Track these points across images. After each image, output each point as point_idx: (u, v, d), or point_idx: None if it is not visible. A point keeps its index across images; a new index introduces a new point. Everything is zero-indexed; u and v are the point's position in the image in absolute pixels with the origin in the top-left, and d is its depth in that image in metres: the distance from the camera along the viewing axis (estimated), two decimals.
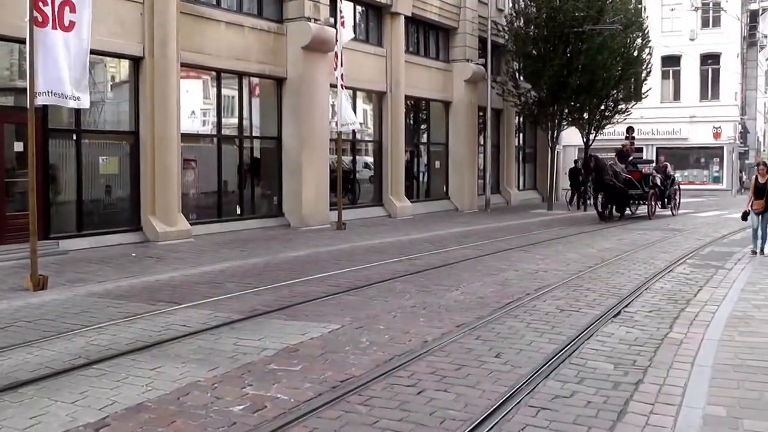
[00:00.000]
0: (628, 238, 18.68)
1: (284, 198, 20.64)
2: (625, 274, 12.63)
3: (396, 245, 16.90)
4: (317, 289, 10.92)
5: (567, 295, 10.44)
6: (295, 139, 20.32)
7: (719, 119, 44.07)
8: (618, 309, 9.49)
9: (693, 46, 44.16)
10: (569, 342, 7.70)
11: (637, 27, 32.12)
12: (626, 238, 18.68)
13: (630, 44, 31.49)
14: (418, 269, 12.95)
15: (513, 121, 34.07)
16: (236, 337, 7.84)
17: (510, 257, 14.78)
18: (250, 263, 13.72)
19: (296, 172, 20.29)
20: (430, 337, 7.90)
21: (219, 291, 10.71)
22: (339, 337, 7.93)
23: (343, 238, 18.21)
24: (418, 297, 10.29)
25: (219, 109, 19.10)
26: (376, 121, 25.24)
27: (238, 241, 16.97)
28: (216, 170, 19.18)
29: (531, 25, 29.11)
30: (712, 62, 44.65)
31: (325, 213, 20.96)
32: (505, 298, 10.19)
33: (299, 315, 9.00)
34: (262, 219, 20.18)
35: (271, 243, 16.89)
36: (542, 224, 23.03)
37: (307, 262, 14.02)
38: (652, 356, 7.23)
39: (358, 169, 24.91)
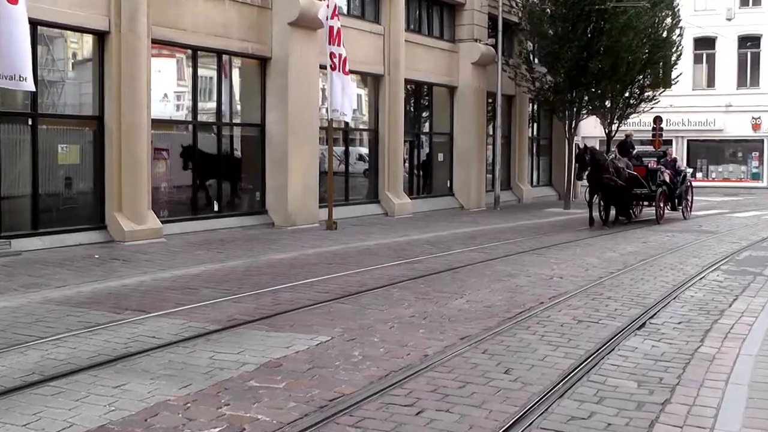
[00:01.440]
0: (654, 241, 18.70)
1: (268, 193, 20.63)
2: (650, 281, 12.62)
3: (393, 247, 16.88)
4: (304, 296, 10.90)
5: (585, 305, 10.43)
6: (280, 127, 20.30)
7: (759, 109, 44.16)
8: (643, 320, 9.48)
9: (730, 26, 44.26)
10: (587, 357, 7.69)
11: (667, 5, 32.19)
12: (652, 241, 18.70)
13: (658, 24, 31.56)
14: (418, 274, 12.94)
15: (526, 110, 34.08)
16: (212, 350, 7.82)
17: (521, 261, 14.77)
18: (229, 266, 13.70)
19: (281, 164, 20.28)
20: (430, 351, 7.89)
21: (193, 298, 10.68)
22: (328, 350, 7.91)
23: (334, 238, 18.18)
24: (417, 305, 10.27)
25: (195, 92, 19.07)
26: (371, 108, 25.25)
27: (215, 242, 16.95)
28: (191, 161, 19.16)
29: (548, 2, 29.14)
30: (752, 45, 44.73)
31: (313, 210, 20.95)
32: (516, 308, 10.18)
33: (284, 325, 8.99)
34: (242, 217, 20.16)
35: (253, 244, 16.87)
36: (558, 225, 23.04)
37: (293, 265, 13.99)
38: (681, 373, 7.22)
39: (351, 162, 24.91)
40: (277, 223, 20.38)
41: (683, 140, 45.00)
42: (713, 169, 45.97)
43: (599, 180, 21.58)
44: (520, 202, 33.26)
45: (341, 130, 24.18)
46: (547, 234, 20.04)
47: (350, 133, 25.11)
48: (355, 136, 26.07)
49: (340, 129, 23.91)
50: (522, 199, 33.50)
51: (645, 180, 23.54)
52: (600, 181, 21.64)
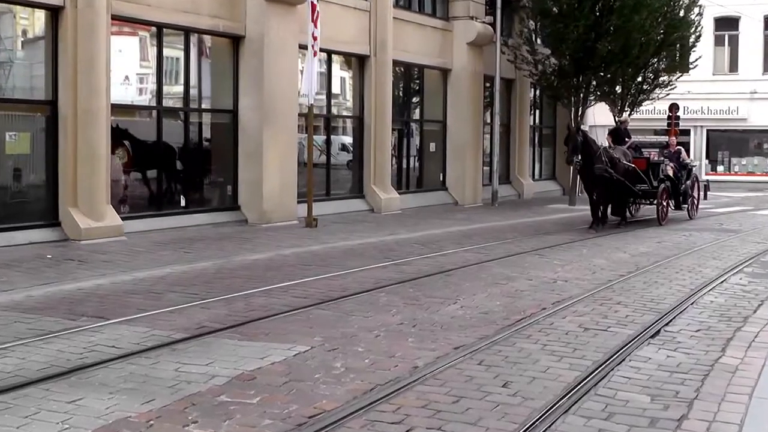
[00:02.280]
0: (669, 241, 18.78)
1: (240, 187, 20.58)
2: (665, 284, 12.67)
3: (379, 247, 16.88)
4: (281, 301, 10.88)
5: (592, 311, 10.45)
6: (254, 114, 20.25)
7: None
8: (657, 328, 9.51)
9: (755, 5, 44.32)
10: (595, 368, 7.71)
11: None
12: (667, 241, 18.78)
13: (675, 2, 31.59)
14: (407, 277, 12.94)
15: (527, 95, 34.12)
16: (178, 362, 7.79)
17: (522, 263, 14.79)
18: (198, 268, 13.67)
19: (256, 155, 20.23)
20: (421, 362, 7.89)
21: (157, 303, 10.66)
22: (307, 361, 7.90)
23: (314, 237, 18.18)
24: (406, 312, 10.27)
25: (160, 75, 19.00)
26: (356, 93, 25.22)
27: (182, 241, 16.91)
28: (155, 151, 19.11)
29: None
30: None
31: (291, 206, 20.93)
32: (515, 314, 10.20)
33: (258, 334, 8.97)
34: (212, 213, 20.11)
35: (224, 243, 16.85)
36: (562, 223, 23.08)
37: (268, 267, 13.98)
38: (700, 386, 7.24)
39: (333, 153, 24.89)
40: (251, 220, 20.33)
41: (702, 130, 45.04)
42: (736, 162, 46.04)
43: (591, 171, 20.72)
44: (521, 197, 33.32)
45: (322, 118, 24.14)
46: (550, 233, 20.09)
47: (332, 121, 25.07)
48: (337, 124, 26.02)
49: (321, 116, 23.86)
50: (522, 194, 33.56)
51: (645, 174, 22.59)
52: (591, 173, 20.76)
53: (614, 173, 21.04)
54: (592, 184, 21.18)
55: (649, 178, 22.71)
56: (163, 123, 19.21)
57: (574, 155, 20.55)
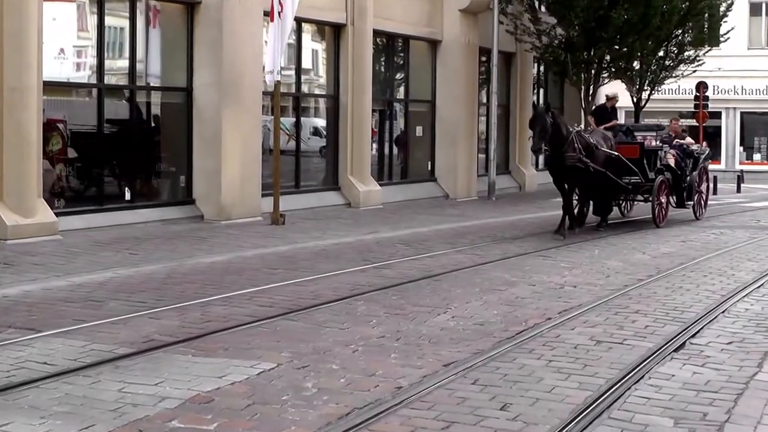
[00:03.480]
0: (696, 240, 18.88)
1: (196, 178, 20.52)
2: (691, 290, 12.70)
3: (357, 247, 16.88)
4: (242, 310, 10.86)
5: (606, 321, 10.46)
6: (212, 92, 20.19)
7: None
8: (681, 340, 9.52)
9: None
10: (609, 388, 7.71)
11: None
12: (694, 240, 18.88)
13: None
14: (390, 282, 12.93)
15: (530, 71, 34.18)
16: (122, 381, 7.75)
17: (523, 266, 14.80)
18: (145, 272, 13.64)
19: (214, 140, 20.17)
20: (405, 382, 7.88)
21: (98, 313, 10.60)
22: (273, 381, 7.88)
23: (282, 236, 18.16)
24: (388, 323, 10.26)
25: (101, 47, 18.93)
26: (330, 68, 25.18)
27: (127, 240, 16.86)
28: (96, 136, 19.04)
29: None
30: None
31: (254, 200, 20.89)
32: (516, 325, 10.19)
33: (216, 349, 8.94)
34: (162, 208, 20.07)
35: (176, 243, 16.83)
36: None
37: (227, 270, 13.96)
38: (732, 407, 7.25)
39: (304, 137, 24.85)
40: (208, 216, 20.28)
41: (735, 113, 45.11)
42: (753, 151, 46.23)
43: (561, 160, 19.25)
44: (522, 190, 33.37)
45: (291, 97, 24.10)
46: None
47: (303, 101, 25.02)
48: (308, 105, 25.99)
49: (289, 95, 23.82)
50: (524, 186, 33.61)
51: (638, 164, 21.07)
52: (561, 163, 19.29)
53: (590, 163, 19.34)
54: (563, 176, 19.56)
55: (643, 168, 21.25)
56: (105, 103, 19.13)
57: (541, 141, 18.67)
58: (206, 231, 18.73)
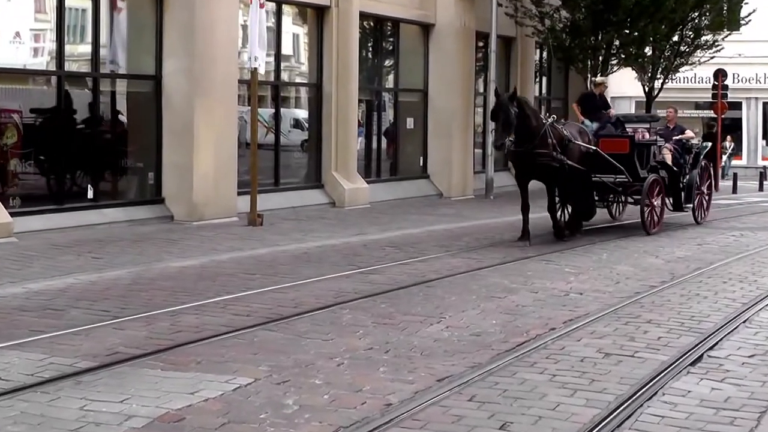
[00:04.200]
0: (714, 242, 18.92)
1: (165, 175, 20.47)
2: (709, 297, 12.72)
3: (343, 251, 16.87)
4: (216, 319, 10.84)
5: (615, 332, 10.46)
6: (183, 81, 20.14)
7: None
8: (698, 352, 9.52)
9: None
10: (619, 405, 7.72)
11: None
12: (711, 242, 18.92)
13: None
14: (378, 289, 12.92)
15: (532, 58, 34.15)
16: (84, 398, 7.73)
17: (524, 271, 14.82)
18: (109, 278, 13.60)
19: (185, 133, 20.12)
20: (395, 398, 7.88)
21: (57, 323, 10.57)
22: (250, 397, 7.87)
23: (259, 238, 18.16)
24: (376, 333, 10.25)
25: (61, 31, 18.87)
26: (313, 54, 25.15)
27: (89, 243, 16.83)
28: (56, 129, 18.99)
29: None
30: None
31: (229, 199, 20.85)
32: (516, 336, 10.19)
33: (187, 362, 8.92)
34: (128, 207, 20.02)
35: (144, 246, 16.79)
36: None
37: (200, 276, 13.94)
38: (755, 426, 7.27)
39: (284, 130, 24.80)
40: (179, 216, 20.24)
41: (757, 103, 45.12)
42: None
43: (530, 157, 18.25)
44: None
45: (270, 86, 24.07)
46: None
47: (282, 90, 24.98)
48: (289, 94, 25.95)
49: (268, 84, 23.79)
50: None
51: (627, 160, 20.01)
52: (531, 160, 18.32)
53: (566, 160, 18.45)
54: (533, 175, 18.86)
55: (632, 165, 20.13)
56: (66, 92, 19.11)
57: (505, 136, 17.55)
58: (177, 232, 18.69)
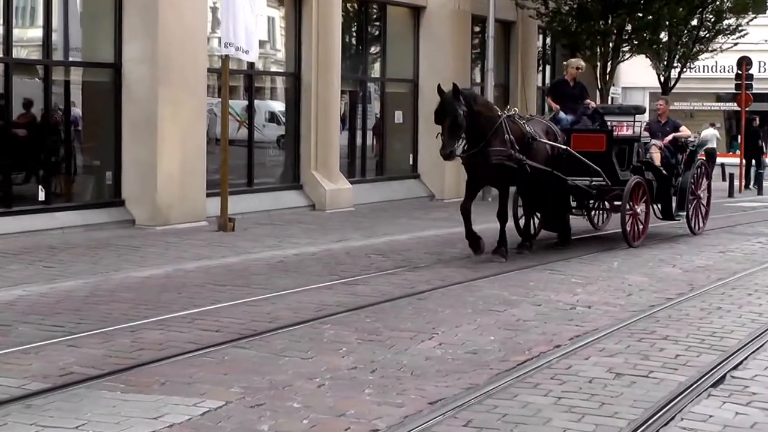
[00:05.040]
0: (737, 250, 18.99)
1: (125, 174, 20.44)
2: (733, 311, 12.74)
3: (323, 259, 16.88)
4: (183, 336, 10.83)
5: (627, 349, 10.47)
6: (145, 69, 20.12)
7: None
8: (720, 372, 9.53)
9: None
10: (632, 431, 7.71)
11: None
12: (735, 250, 18.99)
13: None
14: (363, 302, 12.93)
15: (534, 45, 34.20)
16: (35, 423, 7.72)
17: (525, 281, 14.84)
18: (63, 289, 13.57)
19: (147, 128, 20.09)
20: (382, 423, 7.88)
21: (5, 339, 10.54)
22: (221, 422, 7.87)
23: (231, 244, 18.16)
24: (361, 351, 10.25)
25: (8, 13, 18.83)
26: (290, 40, 25.13)
27: (40, 250, 16.83)
28: (1, 122, 18.93)
29: None
30: None
31: (198, 201, 20.84)
32: (517, 354, 10.20)
33: (150, 383, 8.92)
34: (84, 211, 19.98)
35: (101, 253, 16.78)
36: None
37: (165, 287, 13.92)
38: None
39: (258, 125, 24.77)
40: (141, 220, 20.22)
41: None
42: None
43: (483, 157, 16.97)
44: None
45: (242, 75, 24.06)
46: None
47: (257, 80, 24.95)
48: (264, 84, 25.93)
49: (240, 73, 23.78)
50: None
51: (604, 160, 18.91)
52: (484, 160, 17.03)
53: (528, 160, 17.29)
54: (482, 180, 17.95)
55: (611, 166, 19.08)
56: (13, 82, 19.08)
57: (454, 141, 16.65)
58: (138, 238, 18.67)
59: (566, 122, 19.71)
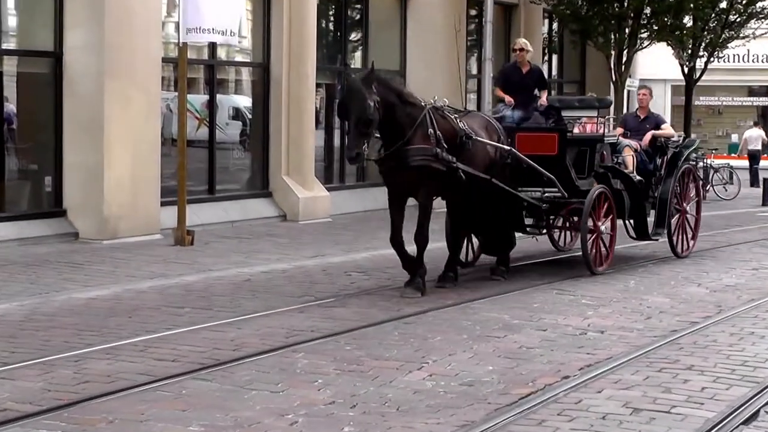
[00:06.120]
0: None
1: (67, 180, 20.45)
2: (767, 337, 12.77)
3: (296, 277, 16.91)
4: (134, 366, 10.83)
5: (646, 381, 10.49)
6: (91, 58, 20.12)
7: None
8: (753, 408, 9.55)
9: None
10: None
11: None
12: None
13: None
14: (342, 327, 12.95)
15: (539, 30, 34.31)
16: None
17: (529, 303, 14.87)
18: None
19: (93, 127, 20.09)
20: None
21: None
22: None
23: (189, 261, 18.22)
24: (340, 383, 10.26)
25: None
26: (258, 25, 25.22)
27: None
28: None
29: None
30: None
31: (151, 211, 20.84)
32: (519, 386, 10.22)
33: (96, 421, 8.91)
34: (19, 222, 20.00)
35: (40, 271, 16.81)
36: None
37: (113, 310, 13.92)
38: None
39: (221, 123, 24.78)
40: (86, 233, 20.20)
41: None
42: None
43: (400, 158, 15.68)
44: None
45: (203, 66, 24.05)
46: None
47: (219, 71, 24.96)
48: (227, 76, 25.95)
49: (200, 63, 23.78)
50: None
51: (557, 165, 17.72)
52: (401, 162, 15.73)
53: (460, 164, 15.95)
54: (406, 189, 16.41)
55: (565, 172, 17.86)
56: None
57: (362, 141, 15.21)
58: (82, 254, 18.67)
59: (511, 119, 18.40)
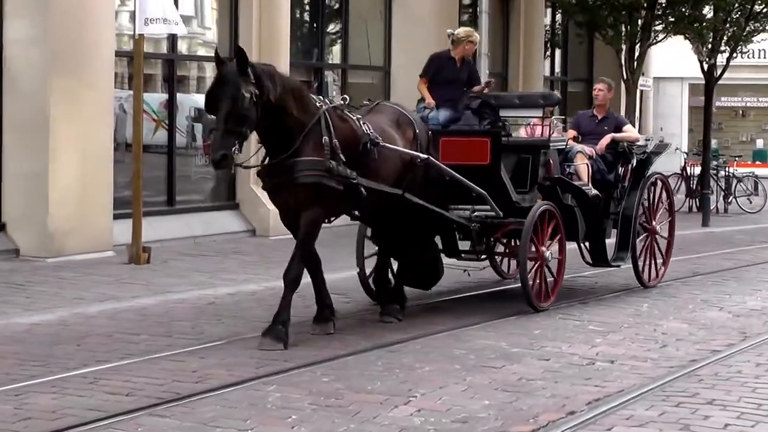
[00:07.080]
0: None
1: (7, 191, 20.48)
2: None
3: (266, 300, 16.85)
4: (83, 401, 10.82)
5: (662, 417, 10.51)
6: (35, 53, 20.18)
7: None
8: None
9: None
10: None
11: None
12: None
13: None
14: (318, 357, 12.99)
15: (540, 22, 34.44)
16: None
17: (530, 329, 14.91)
18: None
19: (36, 130, 20.12)
20: None
21: None
22: None
23: (146, 281, 18.25)
24: (317, 420, 10.27)
25: None
26: (224, 16, 25.28)
27: None
28: None
29: None
30: None
31: (102, 225, 20.85)
32: (519, 423, 10.24)
33: None
34: None
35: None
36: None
37: (59, 336, 13.93)
38: None
39: (182, 125, 24.84)
40: (27, 250, 20.22)
41: None
42: None
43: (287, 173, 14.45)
44: None
45: (161, 60, 24.09)
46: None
47: (180, 67, 24.99)
48: (188, 73, 25.98)
49: (159, 57, 23.82)
50: None
51: (489, 177, 16.59)
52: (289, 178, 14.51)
53: (361, 179, 14.62)
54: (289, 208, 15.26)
55: (500, 186, 16.74)
56: None
57: (233, 140, 13.77)
58: (23, 273, 18.70)
59: (436, 121, 17.53)
